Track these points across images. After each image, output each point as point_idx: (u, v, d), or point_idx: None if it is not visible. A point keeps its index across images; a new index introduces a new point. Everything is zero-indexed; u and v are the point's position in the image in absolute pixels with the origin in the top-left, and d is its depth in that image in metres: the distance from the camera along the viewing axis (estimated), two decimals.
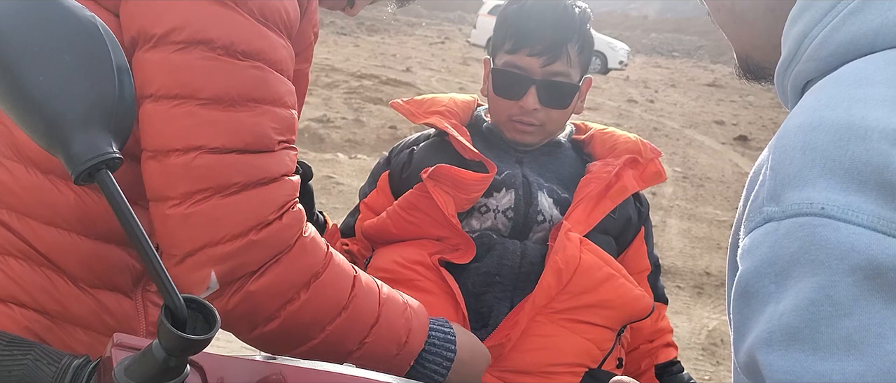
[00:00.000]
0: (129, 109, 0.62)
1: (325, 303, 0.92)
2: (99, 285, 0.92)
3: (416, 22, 23.21)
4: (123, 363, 0.61)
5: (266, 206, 0.86)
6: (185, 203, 0.83)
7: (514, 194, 1.33)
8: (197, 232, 0.84)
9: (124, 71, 0.63)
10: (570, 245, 1.25)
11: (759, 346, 0.49)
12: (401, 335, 0.99)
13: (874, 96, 0.51)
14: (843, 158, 0.48)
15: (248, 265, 0.86)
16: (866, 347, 0.45)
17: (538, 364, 1.23)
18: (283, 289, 0.88)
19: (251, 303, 0.88)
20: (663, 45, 26.50)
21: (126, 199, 0.59)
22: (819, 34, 0.58)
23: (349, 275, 0.95)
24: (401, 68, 12.19)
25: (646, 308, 1.29)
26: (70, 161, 0.59)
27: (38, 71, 0.59)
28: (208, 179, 0.83)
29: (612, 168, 1.35)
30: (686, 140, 9.40)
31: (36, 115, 0.59)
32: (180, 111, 0.82)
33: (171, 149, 0.83)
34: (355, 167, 6.08)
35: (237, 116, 0.84)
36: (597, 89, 13.53)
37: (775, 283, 0.49)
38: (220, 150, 0.83)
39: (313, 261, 0.91)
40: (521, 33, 1.33)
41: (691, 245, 5.32)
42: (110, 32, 0.63)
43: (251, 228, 0.85)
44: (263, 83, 0.86)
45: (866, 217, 0.46)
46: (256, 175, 0.85)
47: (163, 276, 0.59)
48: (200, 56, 0.82)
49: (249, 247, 0.85)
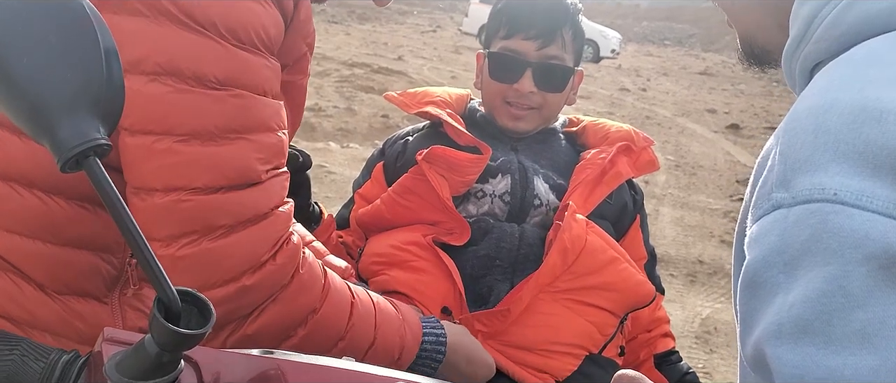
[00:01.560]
0: (118, 93, 0.60)
1: (323, 337, 0.89)
2: (67, 291, 0.88)
3: (407, 10, 23.13)
4: (115, 358, 0.59)
5: (258, 247, 0.82)
6: (173, 246, 0.79)
7: (510, 179, 1.34)
8: (187, 276, 0.80)
9: (112, 53, 0.60)
10: (577, 225, 1.26)
11: (768, 339, 0.47)
12: (394, 353, 0.97)
13: (889, 77, 0.49)
14: (856, 141, 0.46)
15: (243, 309, 0.83)
16: (880, 341, 0.43)
17: (538, 341, 1.23)
18: (280, 329, 0.85)
19: (248, 345, 0.84)
20: (655, 34, 26.52)
21: (115, 187, 0.56)
22: (830, 14, 0.56)
23: (346, 301, 0.92)
24: (392, 57, 12.14)
25: (648, 293, 1.29)
26: (56, 147, 0.56)
27: (22, 54, 0.57)
28: (194, 222, 0.79)
29: (606, 154, 1.36)
30: (678, 128, 9.41)
31: (20, 100, 0.57)
32: (160, 148, 0.78)
33: (153, 188, 0.79)
34: (347, 156, 6.05)
35: (218, 151, 0.79)
36: (589, 78, 13.52)
37: (784, 273, 0.47)
38: (203, 191, 0.79)
39: (311, 298, 0.87)
40: (516, 19, 1.36)
41: (684, 233, 5.32)
42: (97, 13, 0.60)
43: (244, 272, 0.81)
44: (243, 111, 0.81)
45: (881, 203, 0.44)
46: (245, 214, 0.81)
47: (155, 267, 0.56)
48: (172, 88, 0.77)
49: (242, 291, 0.81)
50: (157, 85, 0.77)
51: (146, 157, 0.79)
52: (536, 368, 1.21)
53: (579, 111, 10.01)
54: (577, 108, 10.21)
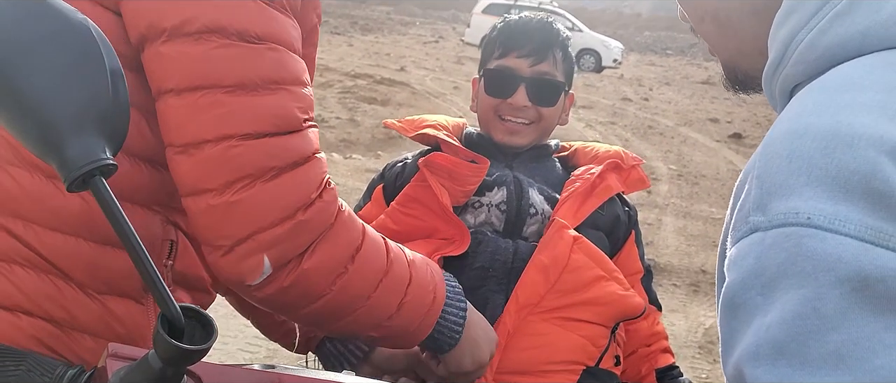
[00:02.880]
0: (124, 113, 0.61)
1: (369, 272, 0.94)
2: (106, 291, 0.90)
3: (409, 21, 23.23)
4: (119, 373, 0.60)
5: (307, 186, 0.88)
6: (227, 192, 0.84)
7: (505, 190, 1.39)
8: (245, 219, 0.85)
9: (118, 74, 0.61)
10: (562, 243, 1.30)
11: (746, 360, 0.48)
12: (429, 289, 1.02)
13: (861, 102, 0.50)
14: (829, 166, 0.47)
15: (299, 246, 0.88)
16: (854, 362, 0.44)
17: (534, 363, 1.25)
18: (333, 265, 0.91)
19: (305, 282, 0.89)
20: (657, 43, 26.58)
21: (120, 206, 0.57)
22: (806, 37, 0.57)
23: (381, 241, 0.98)
24: (395, 67, 12.18)
25: (636, 306, 1.32)
26: (63, 167, 0.58)
27: (30, 76, 0.58)
28: (247, 166, 0.84)
29: (595, 170, 1.43)
30: (680, 138, 9.41)
31: (29, 121, 0.58)
32: (206, 101, 0.83)
33: (203, 140, 0.84)
34: (350, 167, 6.07)
35: (262, 100, 0.85)
36: (591, 88, 13.55)
37: (762, 295, 0.48)
38: (252, 136, 0.84)
39: (354, 235, 0.94)
40: (510, 39, 1.45)
41: (687, 243, 5.32)
42: (103, 35, 0.62)
43: (297, 209, 0.87)
44: (281, 64, 0.87)
45: (853, 227, 0.46)
46: (291, 157, 0.87)
47: (158, 284, 0.58)
48: (217, 44, 0.83)
49: (298, 227, 0.87)
50: (202, 43, 0.83)
51: (194, 113, 0.83)
52: None
53: (581, 121, 10.05)
54: (579, 118, 10.22)
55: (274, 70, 0.86)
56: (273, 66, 0.86)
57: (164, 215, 0.93)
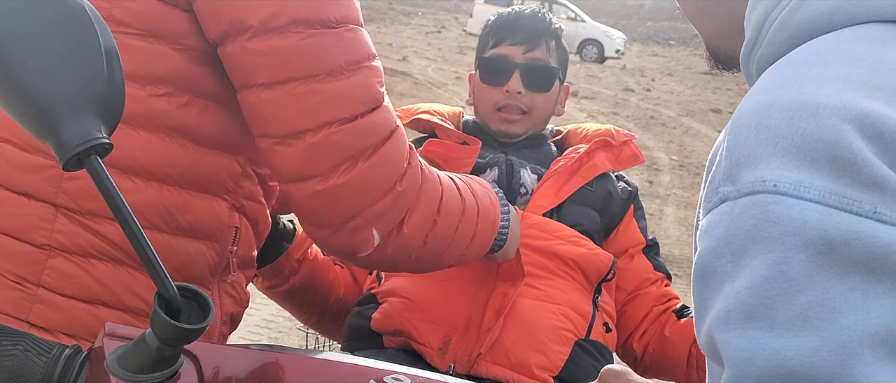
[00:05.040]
0: (119, 93, 0.61)
1: (452, 216, 1.01)
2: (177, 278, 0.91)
3: (411, 11, 23.17)
4: (116, 353, 0.60)
5: (399, 157, 0.93)
6: (332, 176, 0.88)
7: (497, 169, 1.43)
8: (351, 200, 0.90)
9: (113, 54, 0.61)
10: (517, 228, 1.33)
11: (717, 326, 0.49)
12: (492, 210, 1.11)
13: (826, 74, 0.51)
14: (794, 136, 0.49)
15: (400, 213, 0.94)
16: (821, 323, 0.46)
17: (526, 338, 1.25)
18: (426, 222, 0.97)
19: (405, 243, 0.96)
20: (659, 34, 26.49)
21: (115, 186, 0.58)
22: (778, 17, 0.59)
23: (450, 182, 1.05)
24: (397, 58, 12.16)
25: (605, 259, 1.35)
26: (59, 147, 0.58)
27: (26, 57, 0.58)
28: (348, 149, 0.88)
29: (582, 149, 1.46)
30: (683, 128, 9.40)
31: (26, 102, 0.58)
32: (301, 91, 0.86)
33: (303, 130, 0.87)
34: None
35: (351, 82, 0.89)
36: (593, 78, 13.52)
37: (732, 262, 0.50)
38: (349, 120, 0.88)
39: (436, 188, 0.99)
40: (503, 29, 1.49)
41: (688, 233, 5.33)
42: (98, 15, 0.62)
43: (395, 181, 0.92)
44: (358, 43, 0.91)
45: (818, 192, 0.47)
46: (382, 132, 0.91)
47: (156, 265, 0.58)
48: (303, 35, 0.86)
49: (397, 199, 0.92)
50: (289, 36, 0.85)
51: (290, 104, 0.86)
52: (535, 366, 1.23)
53: (584, 111, 10.03)
54: (581, 109, 10.20)
55: (355, 51, 0.90)
56: (354, 47, 0.90)
57: (231, 202, 0.96)
